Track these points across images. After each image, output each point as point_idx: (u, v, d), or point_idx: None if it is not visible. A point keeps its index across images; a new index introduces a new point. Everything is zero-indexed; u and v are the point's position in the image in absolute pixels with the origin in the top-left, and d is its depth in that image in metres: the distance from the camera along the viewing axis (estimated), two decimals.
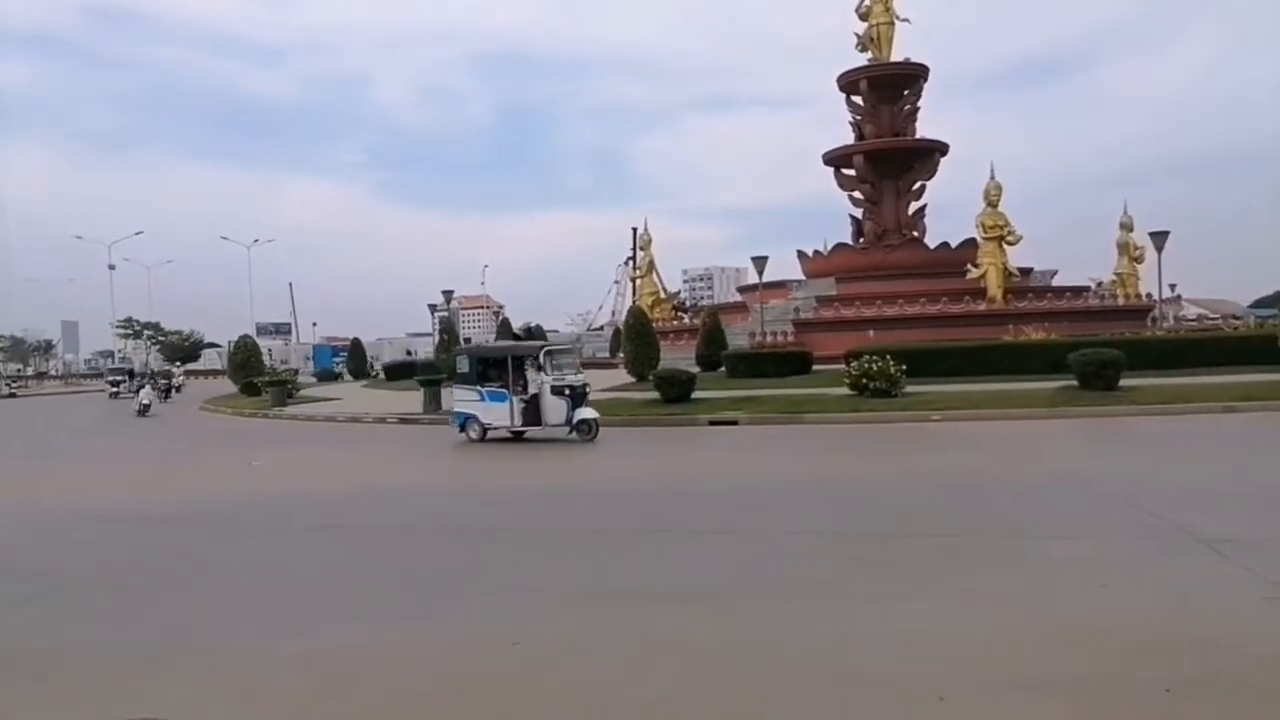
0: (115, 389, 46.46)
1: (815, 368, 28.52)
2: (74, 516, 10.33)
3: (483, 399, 17.02)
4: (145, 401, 29.90)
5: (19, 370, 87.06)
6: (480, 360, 17.86)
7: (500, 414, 16.78)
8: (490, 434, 17.13)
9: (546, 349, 17.08)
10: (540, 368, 16.34)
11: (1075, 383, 19.28)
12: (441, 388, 24.56)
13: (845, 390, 20.49)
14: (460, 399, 17.53)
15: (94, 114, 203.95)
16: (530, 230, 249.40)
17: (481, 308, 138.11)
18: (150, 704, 4.25)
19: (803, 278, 45.17)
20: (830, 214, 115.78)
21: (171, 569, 7.42)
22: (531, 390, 16.49)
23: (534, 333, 32.02)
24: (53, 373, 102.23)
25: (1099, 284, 42.70)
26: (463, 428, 17.32)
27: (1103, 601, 5.54)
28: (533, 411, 16.48)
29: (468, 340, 65.08)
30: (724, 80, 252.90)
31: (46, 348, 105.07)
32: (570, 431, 16.25)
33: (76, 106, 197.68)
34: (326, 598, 6.29)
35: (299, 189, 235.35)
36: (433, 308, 60.25)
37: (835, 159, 45.21)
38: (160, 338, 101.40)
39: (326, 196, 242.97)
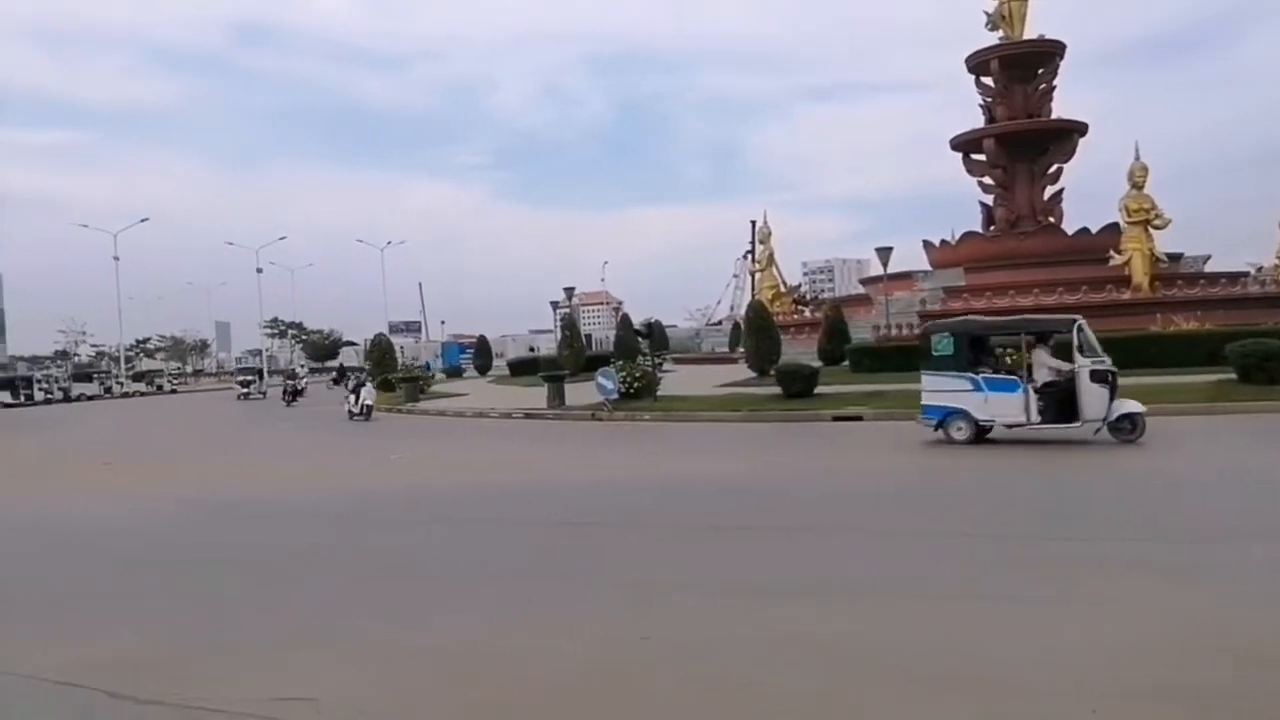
0: (245, 390, 44.45)
1: None
2: (229, 507, 11.06)
3: (978, 389, 13.31)
4: (369, 402, 26.28)
5: (179, 368, 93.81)
6: (973, 339, 13.91)
7: (1008, 407, 13.10)
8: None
9: (1079, 322, 13.15)
10: (1076, 347, 12.71)
11: (1234, 376, 17.93)
12: (565, 383, 25.07)
13: None
14: (939, 389, 13.79)
15: (241, 126, 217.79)
16: (647, 226, 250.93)
17: (601, 304, 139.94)
18: (304, 685, 4.50)
19: (929, 268, 43.71)
20: (957, 202, 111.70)
21: (319, 558, 7.85)
22: (1041, 377, 13.05)
23: (654, 328, 32.22)
24: (208, 370, 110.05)
25: (1258, 269, 39.54)
26: (940, 425, 13.72)
27: (1276, 611, 5.13)
28: (1057, 403, 12.85)
29: (587, 337, 66.04)
30: (840, 67, 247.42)
31: (202, 347, 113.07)
32: (1099, 429, 12.67)
33: (225, 119, 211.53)
34: (457, 589, 6.51)
35: (425, 191, 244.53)
36: (554, 304, 61.59)
37: (964, 143, 43.49)
38: (303, 337, 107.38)
39: (451, 198, 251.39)
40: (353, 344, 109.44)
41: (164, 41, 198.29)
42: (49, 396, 53.23)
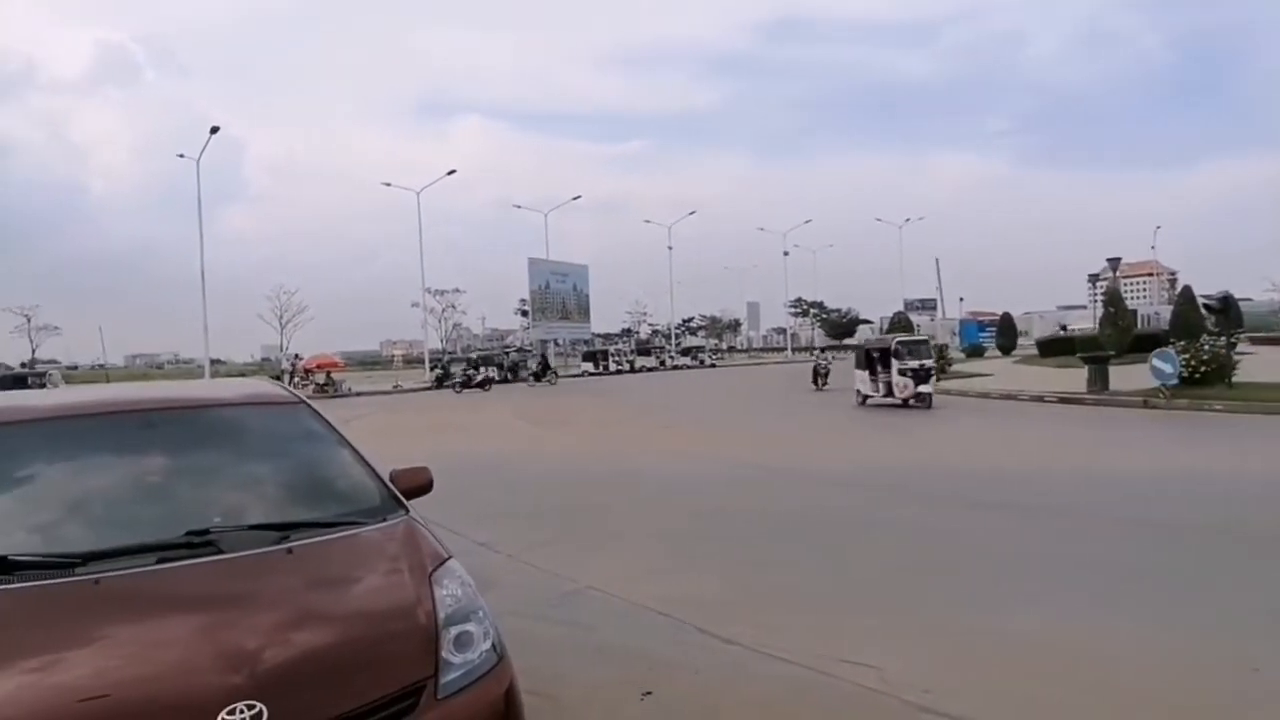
0: (916, 384, 21.42)
1: None
2: (772, 471, 11.96)
3: None
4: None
5: (716, 344, 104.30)
6: None
7: None
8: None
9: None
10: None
11: None
12: (1109, 365, 22.45)
13: None
14: None
15: (773, 118, 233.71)
16: (1216, 181, 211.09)
17: (1148, 275, 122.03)
18: (865, 651, 4.66)
19: None
20: None
21: (867, 528, 8.07)
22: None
23: (1228, 303, 27.04)
24: (739, 346, 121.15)
25: None
26: None
27: None
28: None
29: (1132, 312, 58.20)
30: None
31: (735, 325, 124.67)
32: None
33: (759, 114, 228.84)
34: (1022, 578, 6.16)
35: (945, 164, 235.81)
36: (1093, 277, 55.55)
37: None
38: (823, 315, 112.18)
39: (972, 168, 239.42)
40: (868, 322, 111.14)
41: (708, 50, 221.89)
42: (619, 367, 63.83)
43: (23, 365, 67.80)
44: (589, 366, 63.89)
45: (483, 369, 47.16)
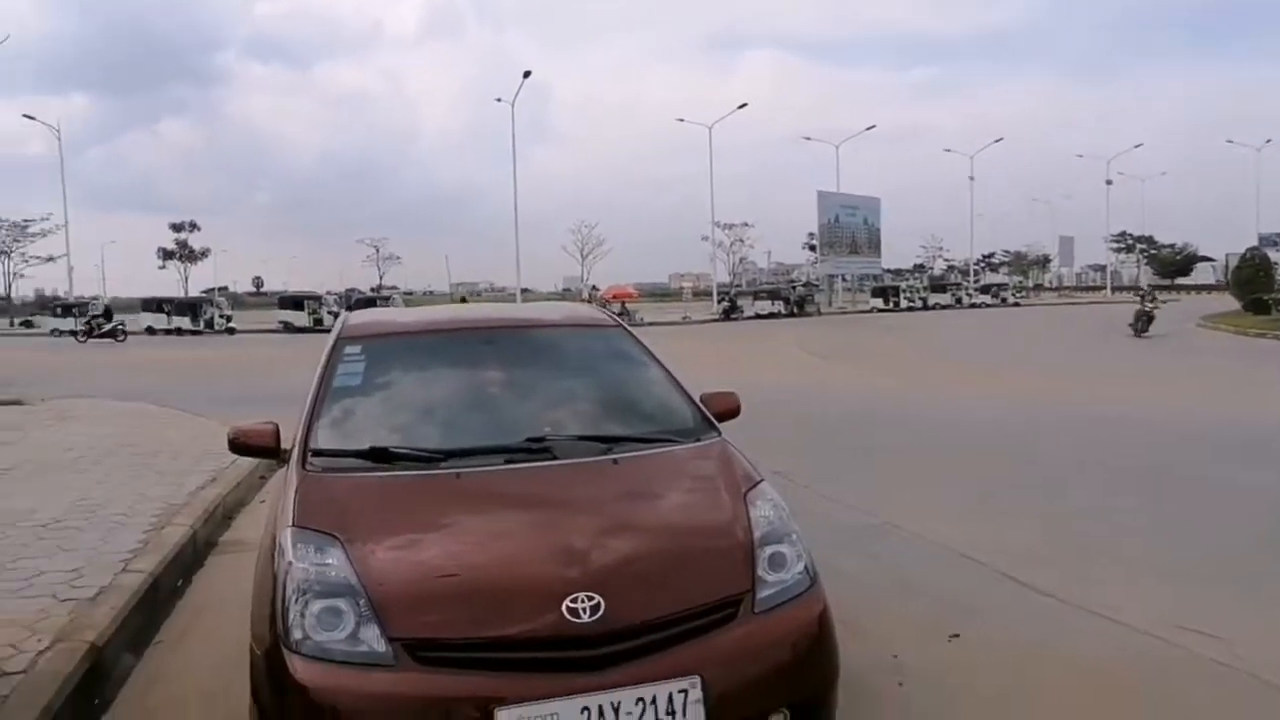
0: None
1: None
2: (1094, 420, 10.87)
3: None
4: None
5: (1020, 282, 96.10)
6: None
7: None
8: None
9: None
10: None
11: None
12: None
13: None
14: None
15: (1096, 34, 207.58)
16: None
17: None
18: (1202, 616, 4.17)
19: None
20: None
21: (1210, 485, 7.14)
22: None
23: None
24: (1048, 284, 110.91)
25: None
26: None
27: None
28: None
29: None
30: None
31: (1044, 262, 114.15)
32: None
33: (1079, 30, 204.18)
34: None
35: None
36: None
37: None
38: (1152, 251, 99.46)
39: None
40: (1208, 259, 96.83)
41: None
42: (910, 304, 61.45)
43: (372, 290, 79.12)
44: (878, 303, 62.07)
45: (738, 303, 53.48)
